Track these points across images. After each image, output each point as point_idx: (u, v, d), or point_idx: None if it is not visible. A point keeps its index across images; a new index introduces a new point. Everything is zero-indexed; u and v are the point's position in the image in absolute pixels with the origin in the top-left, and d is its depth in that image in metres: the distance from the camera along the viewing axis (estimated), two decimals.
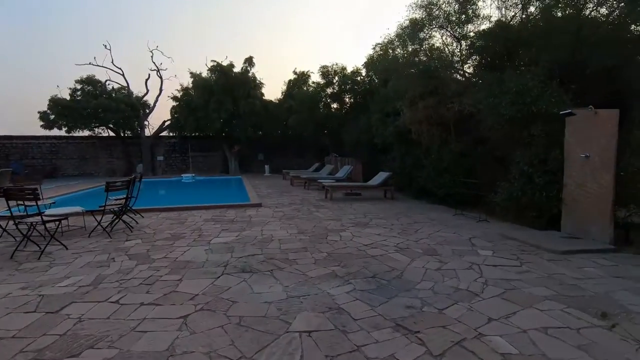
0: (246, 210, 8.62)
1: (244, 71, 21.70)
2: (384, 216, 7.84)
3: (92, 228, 6.45)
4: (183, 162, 24.38)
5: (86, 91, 21.50)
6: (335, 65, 17.64)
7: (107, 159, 23.31)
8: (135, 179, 7.12)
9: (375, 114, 12.54)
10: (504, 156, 7.74)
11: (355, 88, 17.17)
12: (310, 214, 8.17)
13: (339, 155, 18.25)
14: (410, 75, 10.82)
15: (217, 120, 20.61)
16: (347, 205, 9.41)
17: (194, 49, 38.05)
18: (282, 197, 11.27)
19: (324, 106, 18.46)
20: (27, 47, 32.23)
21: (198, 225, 6.92)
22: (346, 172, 13.67)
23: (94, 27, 32.83)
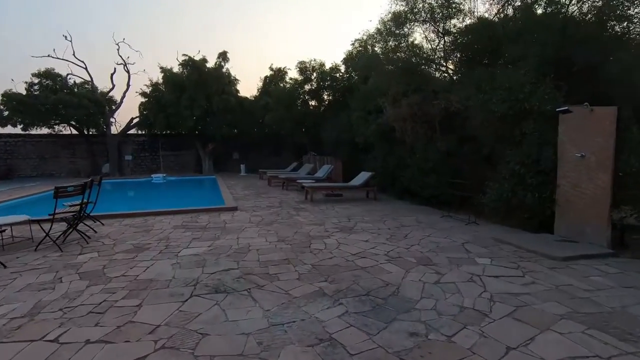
0: (220, 215, 7.95)
1: (217, 66, 20.80)
2: (369, 219, 7.39)
3: (40, 240, 5.62)
4: (153, 162, 23.16)
5: (44, 85, 19.92)
6: (313, 61, 17.10)
7: (69, 159, 21.77)
8: (94, 182, 6.32)
9: (356, 112, 12.10)
10: (492, 155, 7.48)
11: (334, 85, 16.70)
12: (290, 218, 7.61)
13: (317, 154, 17.75)
14: (392, 72, 10.46)
15: (189, 117, 19.63)
16: (329, 208, 8.92)
17: (164, 42, 36.47)
18: (260, 199, 10.63)
19: (301, 103, 17.87)
20: None
21: (166, 234, 6.21)
22: (326, 172, 13.18)
23: (53, 15, 30.70)
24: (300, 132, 18.95)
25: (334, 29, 38.59)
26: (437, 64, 9.79)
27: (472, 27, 8.78)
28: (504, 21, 8.24)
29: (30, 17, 30.60)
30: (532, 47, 6.82)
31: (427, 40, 10.17)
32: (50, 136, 21.21)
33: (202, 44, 46.47)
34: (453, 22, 9.15)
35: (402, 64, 10.36)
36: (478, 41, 8.48)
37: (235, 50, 38.94)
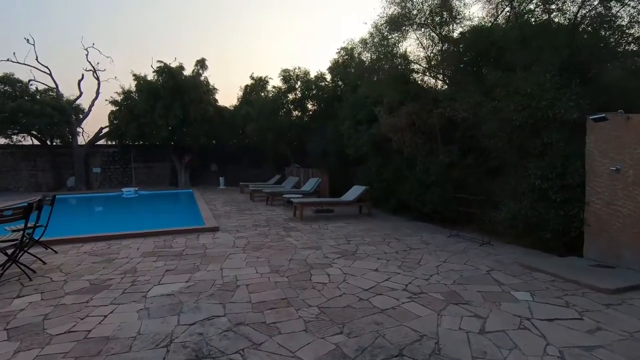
0: (199, 237, 6.91)
1: (195, 74, 19.71)
2: (370, 240, 6.56)
3: None
4: (125, 174, 21.57)
5: (2, 92, 18.20)
6: (297, 70, 16.37)
7: (30, 171, 19.90)
8: (42, 203, 5.19)
9: (345, 122, 11.38)
10: (502, 167, 6.86)
11: (320, 94, 16.00)
12: (281, 240, 6.67)
13: (300, 166, 16.90)
14: (386, 79, 9.82)
15: (164, 127, 18.36)
16: (322, 226, 8.03)
17: (137, 49, 34.97)
18: (243, 216, 9.62)
19: (285, 113, 17.05)
20: None
21: (132, 264, 5.13)
22: (313, 186, 12.32)
23: (15, 16, 28.75)
24: (282, 143, 18.09)
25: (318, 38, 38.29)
26: (434, 71, 9.23)
27: (472, 32, 8.29)
28: (508, 26, 7.77)
29: None
30: (542, 53, 6.31)
31: (422, 46, 9.63)
32: (8, 147, 19.35)
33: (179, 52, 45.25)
34: (452, 26, 8.62)
35: (396, 70, 9.78)
36: (479, 46, 7.96)
37: (214, 59, 37.90)
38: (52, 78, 19.91)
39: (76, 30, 31.78)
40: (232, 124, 20.51)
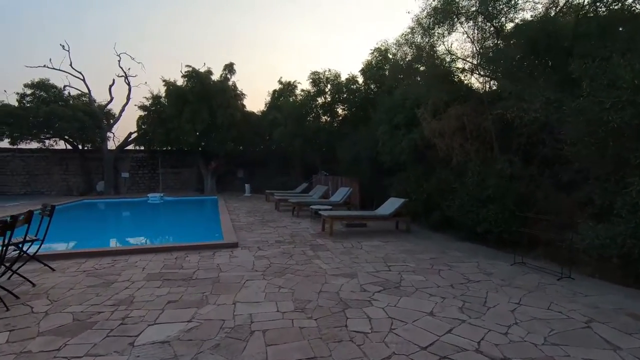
0: (215, 255, 6.03)
1: (223, 79, 19.30)
2: (415, 267, 5.43)
3: None
4: (152, 180, 21.45)
5: (37, 97, 18.52)
6: (327, 72, 15.50)
7: (61, 175, 20.16)
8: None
9: (380, 126, 10.30)
10: (578, 181, 5.56)
11: (351, 98, 15.01)
12: (308, 262, 5.66)
13: (329, 173, 15.93)
14: (429, 79, 8.71)
15: (191, 132, 17.97)
16: (354, 244, 6.97)
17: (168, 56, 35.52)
18: (267, 228, 8.72)
19: (313, 118, 16.20)
20: None
21: (131, 291, 4.29)
22: (343, 196, 11.28)
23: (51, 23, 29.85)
24: (310, 150, 17.23)
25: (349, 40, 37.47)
26: (486, 68, 8.00)
27: (536, 23, 7.04)
28: (581, 15, 6.48)
29: (28, 25, 29.83)
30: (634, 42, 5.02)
31: (472, 40, 8.45)
32: (42, 151, 19.66)
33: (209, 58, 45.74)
34: (511, 16, 7.41)
35: (441, 68, 8.65)
36: (546, 37, 6.70)
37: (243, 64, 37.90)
38: (85, 83, 20.16)
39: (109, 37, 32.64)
40: (259, 129, 19.95)
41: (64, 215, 13.20)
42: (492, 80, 8.06)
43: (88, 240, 9.54)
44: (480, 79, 8.54)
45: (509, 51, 6.94)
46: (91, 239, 9.73)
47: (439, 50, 9.41)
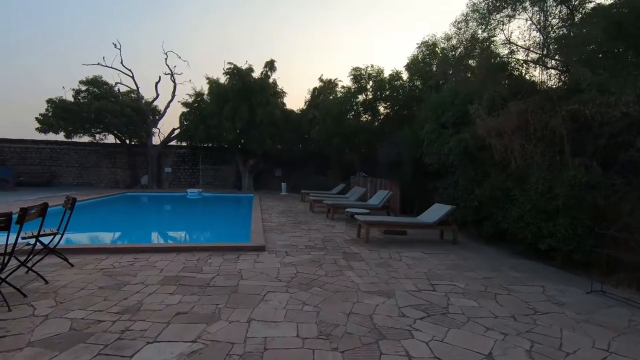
0: (239, 259, 5.57)
1: (263, 76, 19.14)
2: (465, 287, 4.59)
3: None
4: (193, 175, 21.87)
5: (90, 93, 19.48)
6: (370, 68, 14.70)
7: (110, 169, 21.10)
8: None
9: (427, 124, 9.39)
10: None
11: (394, 95, 14.12)
12: (339, 274, 5.01)
13: (367, 175, 15.15)
14: (484, 72, 7.73)
15: (230, 129, 17.97)
16: (393, 255, 6.21)
17: (214, 54, 36.41)
18: (298, 231, 8.18)
19: (353, 116, 15.48)
20: (32, 44, 31.19)
21: (142, 296, 3.90)
22: (382, 199, 10.48)
23: (106, 22, 31.57)
24: (349, 149, 16.53)
25: (394, 35, 36.29)
26: (557, 57, 6.89)
27: (622, 3, 5.88)
28: None
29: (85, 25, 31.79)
30: None
31: (538, 28, 7.35)
32: (93, 145, 20.70)
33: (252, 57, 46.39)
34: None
35: (497, 60, 7.65)
36: (632, 21, 5.54)
37: (285, 63, 38.03)
38: (134, 80, 20.90)
39: (158, 35, 34.02)
40: (298, 128, 19.62)
41: (106, 207, 13.58)
42: (563, 73, 6.92)
43: (123, 232, 9.58)
44: (546, 71, 7.40)
45: (589, 35, 5.82)
46: (124, 231, 9.77)
47: (496, 41, 8.39)
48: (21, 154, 20.19)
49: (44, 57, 31.24)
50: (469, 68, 10.11)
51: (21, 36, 30.44)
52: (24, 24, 30.62)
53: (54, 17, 31.19)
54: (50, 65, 32.02)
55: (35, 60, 30.51)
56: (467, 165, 7.93)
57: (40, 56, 31.55)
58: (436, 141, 8.85)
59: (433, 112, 9.50)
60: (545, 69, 7.55)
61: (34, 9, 29.93)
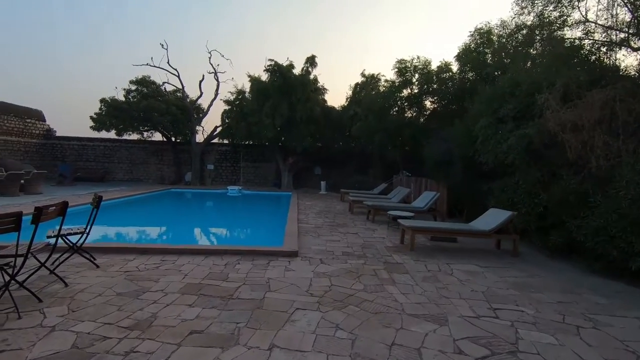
0: (269, 265, 5.10)
1: (304, 72, 18.74)
2: (535, 315, 3.74)
3: None
4: (234, 173, 22.09)
5: (139, 92, 20.26)
6: (415, 60, 13.73)
7: (157, 165, 21.91)
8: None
9: (481, 119, 8.39)
10: None
11: (443, 88, 13.05)
12: (379, 289, 4.36)
13: (411, 174, 14.21)
14: (554, 57, 6.64)
15: (270, 126, 17.78)
16: (442, 267, 5.43)
17: (256, 52, 36.81)
18: (335, 234, 7.61)
19: (397, 112, 14.59)
20: (89, 48, 33.31)
21: (157, 308, 3.52)
22: (429, 202, 9.60)
23: (154, 23, 32.99)
24: (392, 147, 15.64)
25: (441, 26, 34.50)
26: None
27: None
28: None
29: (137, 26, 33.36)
30: None
31: (625, 3, 6.15)
32: (141, 142, 21.57)
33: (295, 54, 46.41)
34: None
35: (570, 43, 6.54)
36: None
37: (326, 59, 37.51)
38: (180, 79, 21.49)
39: (203, 34, 35.08)
40: (339, 125, 19.02)
41: (149, 203, 13.89)
42: None
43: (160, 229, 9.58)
44: (635, 54, 6.17)
45: None
46: (161, 228, 9.78)
47: (568, 20, 7.23)
48: (79, 151, 21.52)
49: (99, 60, 33.36)
50: (529, 56, 8.96)
51: (80, 41, 32.71)
52: (83, 30, 32.87)
53: (108, 21, 33.16)
54: (105, 67, 34.16)
55: (92, 63, 32.68)
56: (530, 165, 6.88)
57: (97, 59, 33.74)
58: (492, 137, 7.83)
59: (488, 105, 8.47)
60: (632, 50, 6.32)
61: (91, 16, 32.00)
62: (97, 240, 7.64)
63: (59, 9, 32.53)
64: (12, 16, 32.31)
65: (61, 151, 21.43)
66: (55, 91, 33.17)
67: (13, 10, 31.90)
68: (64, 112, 34.01)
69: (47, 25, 32.99)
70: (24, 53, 33.31)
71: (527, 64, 9.59)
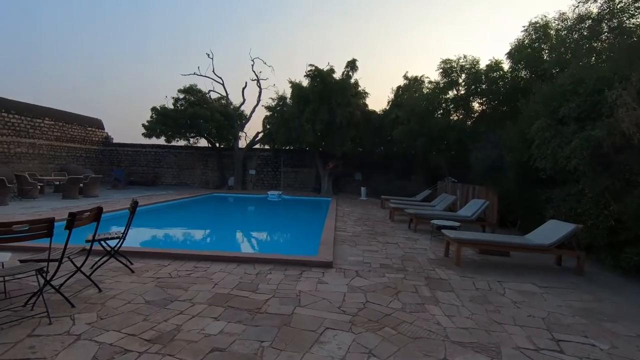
0: (301, 276, 4.86)
1: (345, 76, 18.50)
2: (609, 350, 3.12)
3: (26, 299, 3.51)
4: (274, 178, 22.32)
5: (186, 100, 21.15)
6: (462, 59, 12.96)
7: (202, 170, 22.73)
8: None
9: (538, 120, 7.60)
10: None
11: (493, 88, 12.16)
12: (420, 309, 3.93)
13: (457, 180, 13.37)
14: (627, 48, 5.82)
15: (310, 131, 17.72)
16: (493, 285, 4.86)
17: (298, 58, 37.24)
18: (374, 244, 7.21)
19: (442, 115, 13.85)
20: (143, 59, 35.51)
21: (182, 320, 3.39)
22: (477, 210, 8.87)
23: (201, 33, 34.53)
24: (436, 151, 14.88)
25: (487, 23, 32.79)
26: None
27: None
28: None
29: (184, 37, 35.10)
30: None
31: None
32: (188, 148, 22.48)
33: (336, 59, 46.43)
34: None
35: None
36: None
37: (368, 63, 37.06)
38: (224, 87, 22.20)
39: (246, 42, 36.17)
40: (380, 129, 18.52)
41: (192, 207, 14.30)
42: None
43: (199, 233, 9.75)
44: None
45: None
46: (200, 232, 9.94)
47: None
48: (132, 157, 22.90)
49: (152, 71, 35.54)
50: (594, 50, 8.01)
51: (135, 54, 35.09)
52: (138, 42, 35.26)
53: (160, 34, 35.28)
54: (158, 77, 36.35)
55: (145, 74, 34.93)
56: (598, 172, 6.05)
57: (150, 69, 35.99)
58: (551, 141, 7.05)
59: (546, 105, 7.67)
60: None
61: (145, 29, 34.22)
62: (141, 242, 7.93)
63: (116, 24, 35.22)
64: (73, 32, 35.47)
65: (117, 157, 22.92)
66: (112, 101, 35.85)
67: (74, 27, 35.01)
68: (120, 120, 36.63)
69: (106, 39, 35.84)
70: (87, 66, 36.40)
71: (592, 59, 8.63)
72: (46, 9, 33.85)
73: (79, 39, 35.75)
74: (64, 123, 19.02)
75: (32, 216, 8.70)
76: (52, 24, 34.74)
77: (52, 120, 18.14)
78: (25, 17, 33.74)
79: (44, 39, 35.22)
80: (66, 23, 34.49)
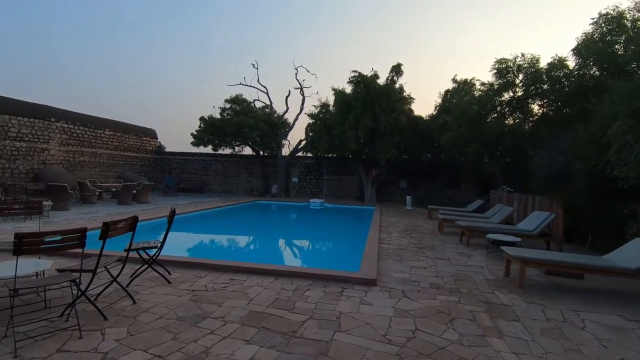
0: (342, 295, 4.46)
1: (389, 82, 17.95)
2: None
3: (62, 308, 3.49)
4: (317, 185, 22.15)
5: (232, 109, 21.75)
6: (519, 58, 11.92)
7: (246, 177, 23.16)
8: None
9: (615, 123, 6.62)
10: None
11: (556, 88, 11.00)
12: (481, 342, 3.36)
13: (514, 190, 12.22)
14: None
15: (353, 138, 17.34)
16: (567, 315, 4.12)
17: (342, 64, 37.16)
18: (422, 259, 6.62)
19: (495, 119, 12.82)
20: (194, 71, 37.22)
21: (211, 342, 3.13)
22: (540, 224, 7.91)
23: (247, 44, 35.60)
24: (488, 158, 13.79)
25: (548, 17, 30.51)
26: None
27: None
28: None
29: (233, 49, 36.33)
30: None
31: None
32: (234, 156, 23.04)
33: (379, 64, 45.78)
34: None
35: None
36: None
37: (414, 66, 36.02)
38: (268, 96, 22.53)
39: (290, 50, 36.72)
40: (426, 135, 17.68)
41: (236, 215, 14.46)
42: None
43: (239, 242, 9.70)
44: None
45: None
46: (240, 241, 9.88)
47: None
48: (182, 165, 23.93)
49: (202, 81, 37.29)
50: None
51: (186, 66, 37.03)
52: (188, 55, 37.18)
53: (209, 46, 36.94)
54: (207, 88, 38.07)
55: (195, 85, 36.72)
56: None
57: (200, 80, 37.80)
58: (634, 145, 6.06)
59: (626, 104, 6.64)
60: None
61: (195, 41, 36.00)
62: (184, 249, 7.99)
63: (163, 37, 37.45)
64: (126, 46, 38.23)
65: (168, 164, 24.08)
66: (164, 111, 38.07)
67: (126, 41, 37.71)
68: (172, 130, 38.75)
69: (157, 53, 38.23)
70: (140, 78, 39.04)
71: None
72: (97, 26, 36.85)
73: (145, 53, 38.47)
74: (122, 133, 20.32)
75: (88, 221, 9.15)
76: (112, 40, 37.75)
77: (112, 131, 19.44)
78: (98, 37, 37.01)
79: (108, 54, 38.34)
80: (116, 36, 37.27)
